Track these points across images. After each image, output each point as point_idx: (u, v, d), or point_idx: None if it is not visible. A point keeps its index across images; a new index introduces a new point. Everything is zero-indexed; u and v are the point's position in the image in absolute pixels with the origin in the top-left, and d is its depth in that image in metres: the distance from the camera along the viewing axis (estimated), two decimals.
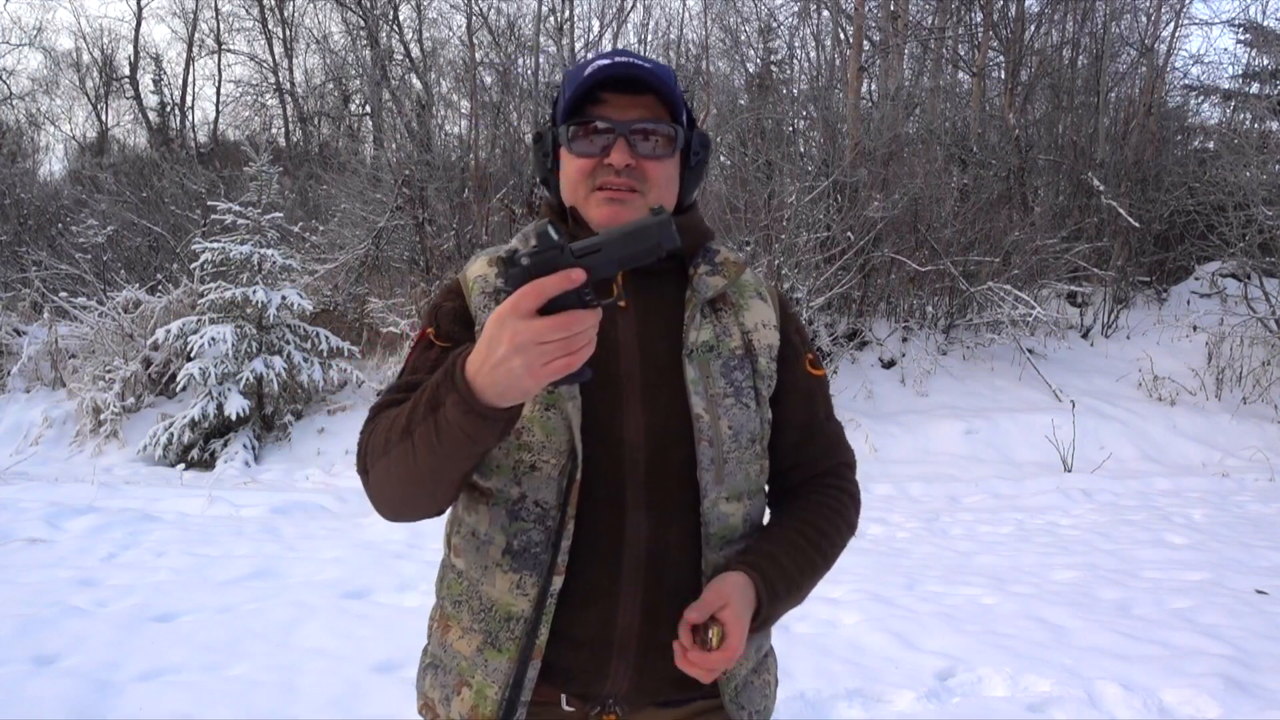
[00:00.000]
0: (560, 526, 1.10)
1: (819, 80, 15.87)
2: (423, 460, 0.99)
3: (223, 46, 21.42)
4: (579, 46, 16.15)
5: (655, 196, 1.16)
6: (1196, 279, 11.56)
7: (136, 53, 21.71)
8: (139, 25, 24.18)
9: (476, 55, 14.17)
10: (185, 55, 21.25)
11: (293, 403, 9.29)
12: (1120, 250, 11.00)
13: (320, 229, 11.50)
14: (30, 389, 10.07)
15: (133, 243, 12.83)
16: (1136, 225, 10.83)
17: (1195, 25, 28.82)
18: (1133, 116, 13.17)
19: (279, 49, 19.76)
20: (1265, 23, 14.05)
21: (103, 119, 22.88)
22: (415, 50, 16.52)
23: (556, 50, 15.37)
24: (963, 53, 15.54)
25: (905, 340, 10.10)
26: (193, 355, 8.78)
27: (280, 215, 9.83)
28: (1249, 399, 9.12)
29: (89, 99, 23.09)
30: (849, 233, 9.56)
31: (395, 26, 16.23)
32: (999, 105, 13.99)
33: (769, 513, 1.27)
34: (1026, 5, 14.22)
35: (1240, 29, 14.37)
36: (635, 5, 18.52)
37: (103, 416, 9.00)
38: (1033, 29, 14.76)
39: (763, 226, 9.30)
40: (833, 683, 3.12)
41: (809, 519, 1.22)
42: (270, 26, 19.75)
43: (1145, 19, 14.72)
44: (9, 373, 10.05)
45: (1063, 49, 15.07)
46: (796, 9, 17.03)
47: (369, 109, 18.54)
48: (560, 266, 0.87)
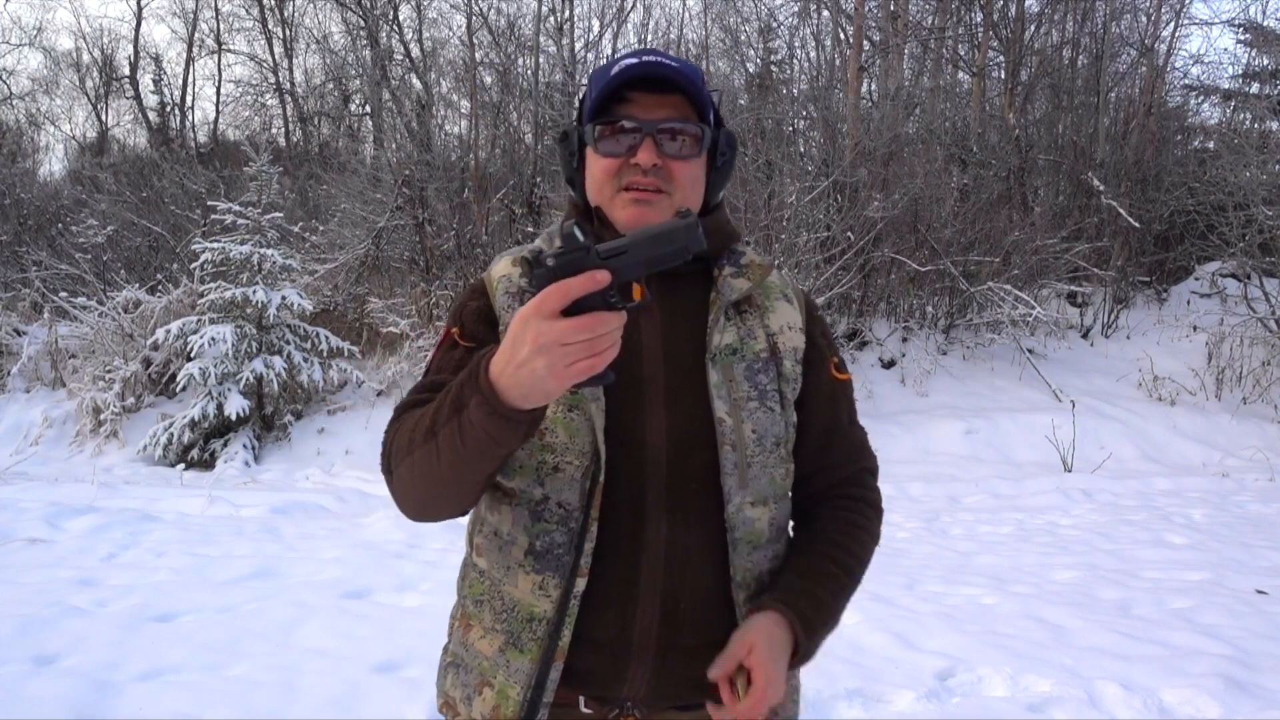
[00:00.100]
0: (583, 528, 1.10)
1: (819, 80, 15.86)
2: (447, 461, 0.99)
3: (223, 46, 21.42)
4: (579, 46, 16.15)
5: (681, 197, 1.15)
6: (1196, 279, 11.56)
7: (136, 53, 21.71)
8: (139, 25, 24.15)
9: (476, 55, 14.16)
10: (185, 55, 21.25)
11: (293, 403, 9.30)
12: (1120, 250, 11.00)
13: (320, 229, 11.49)
14: (30, 389, 10.07)
15: (133, 243, 12.84)
16: (1136, 225, 10.83)
17: (1195, 25, 28.84)
18: (1133, 116, 13.17)
19: (279, 49, 19.74)
20: (1265, 23, 14.06)
21: (103, 119, 22.89)
22: (415, 50, 16.51)
23: (556, 50, 15.35)
24: (963, 53, 15.54)
25: (905, 340, 10.10)
26: (193, 355, 8.78)
27: (280, 215, 9.83)
28: (1249, 399, 9.12)
29: (89, 99, 23.10)
30: (849, 233, 9.56)
31: (395, 26, 16.22)
32: (999, 105, 13.99)
33: (791, 526, 1.26)
34: (1026, 5, 14.23)
35: (1240, 29, 14.38)
36: (635, 5, 18.48)
37: (103, 416, 9.00)
38: (1033, 29, 14.75)
39: (763, 226, 9.30)
40: (833, 683, 3.12)
41: (835, 539, 1.21)
42: (270, 26, 19.73)
43: (1145, 19, 14.73)
44: (9, 373, 10.05)
45: (1063, 49, 15.07)
46: (796, 9, 17.04)
47: (369, 109, 18.53)
48: (586, 268, 0.87)
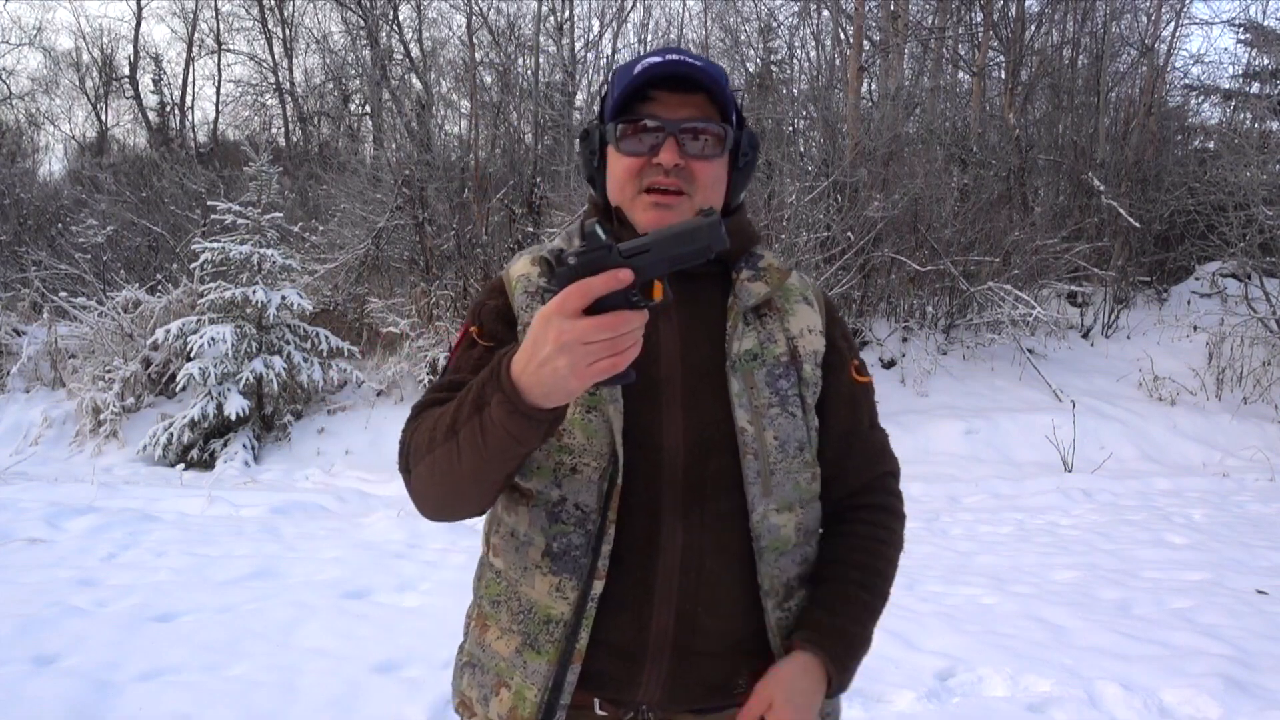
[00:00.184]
0: (601, 530, 1.09)
1: (819, 80, 15.86)
2: (467, 460, 0.98)
3: (222, 46, 21.41)
4: (579, 46, 16.15)
5: (703, 198, 1.14)
6: (1197, 279, 11.56)
7: (136, 53, 21.71)
8: (139, 25, 24.03)
9: (476, 55, 14.16)
10: (185, 55, 21.24)
11: (292, 403, 9.30)
12: (1120, 250, 11.00)
13: (320, 229, 11.49)
14: (30, 389, 10.07)
15: (132, 243, 12.84)
16: (1137, 225, 10.83)
17: (1195, 25, 28.85)
18: (1133, 116, 13.17)
19: (279, 49, 19.74)
20: (1265, 23, 14.05)
21: (102, 119, 22.88)
22: (415, 50, 16.50)
23: (556, 50, 15.36)
24: (963, 53, 15.54)
25: (905, 340, 10.10)
26: (192, 355, 8.78)
27: (280, 215, 9.83)
28: (1249, 399, 9.12)
29: (89, 99, 23.09)
30: (849, 233, 9.56)
31: (395, 26, 16.21)
32: (999, 105, 14.00)
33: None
34: (1026, 5, 14.23)
35: (1240, 29, 14.38)
36: (635, 5, 18.46)
37: (102, 416, 9.00)
38: (1033, 29, 14.75)
39: (763, 226, 9.29)
40: None
41: (859, 560, 1.21)
42: (270, 26, 19.72)
43: (1145, 19, 14.73)
44: (9, 373, 10.05)
45: (1063, 49, 15.07)
46: (796, 9, 17.03)
47: (369, 109, 18.52)
48: (608, 266, 0.86)
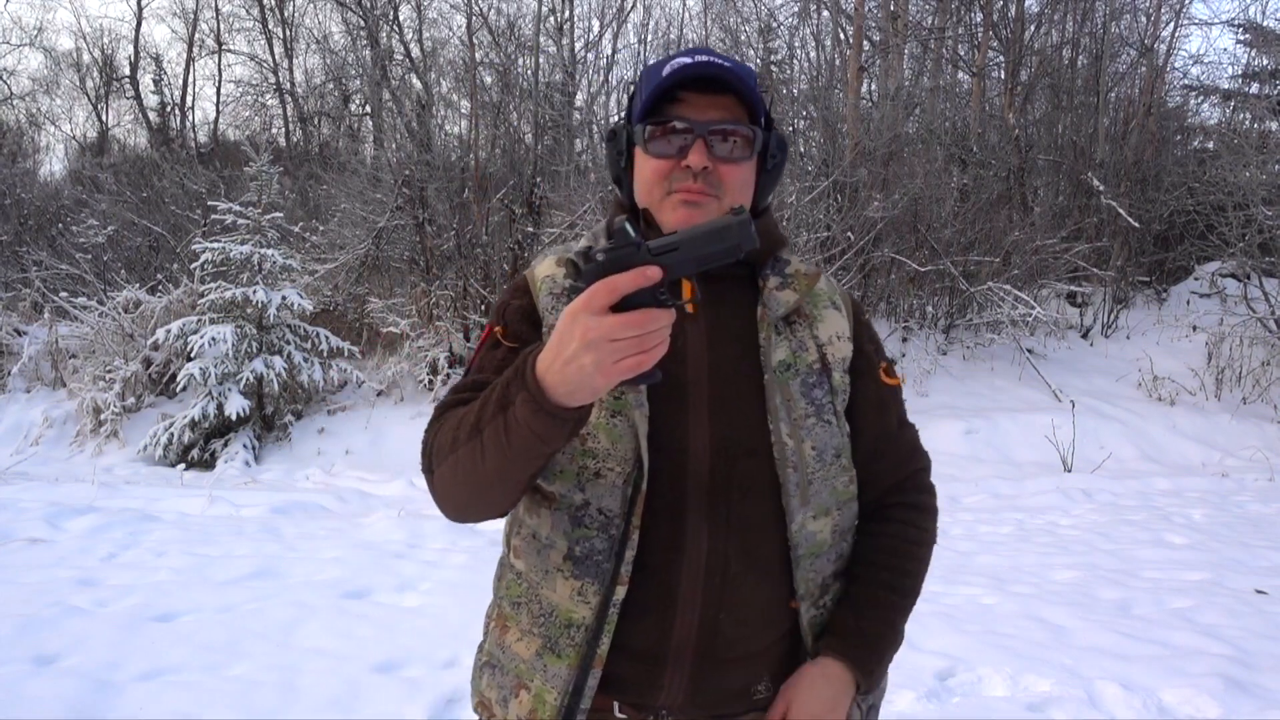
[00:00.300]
0: (624, 536, 1.08)
1: (819, 80, 15.87)
2: (491, 460, 0.98)
3: (223, 47, 21.42)
4: (579, 46, 16.16)
5: (730, 201, 1.13)
6: (1196, 279, 11.56)
7: (137, 53, 21.72)
8: (139, 25, 24.14)
9: (476, 55, 14.16)
10: (185, 55, 21.26)
11: (293, 403, 9.29)
12: (1120, 250, 11.00)
13: (320, 229, 11.49)
14: (30, 389, 10.07)
15: (133, 243, 12.83)
16: (1136, 225, 10.83)
17: (1195, 25, 28.86)
18: (1132, 116, 13.17)
19: (279, 49, 19.75)
20: (1265, 23, 14.06)
21: (103, 119, 22.89)
22: (415, 50, 16.50)
23: (556, 50, 15.37)
24: (963, 53, 15.55)
25: (905, 340, 10.10)
26: (193, 355, 8.78)
27: (280, 215, 9.83)
28: (1249, 399, 9.12)
29: (89, 99, 23.11)
30: (849, 233, 9.56)
31: (395, 26, 16.22)
32: (999, 105, 14.00)
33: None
34: (1026, 5, 14.23)
35: (1240, 29, 14.38)
36: (635, 5, 18.50)
37: (103, 416, 9.00)
38: (1033, 29, 14.76)
39: None
40: None
41: (888, 561, 1.22)
42: (270, 26, 19.74)
43: (1145, 19, 14.74)
44: (9, 373, 10.05)
45: (1063, 49, 15.07)
46: (796, 9, 17.04)
47: (369, 109, 18.53)
48: (637, 264, 0.86)
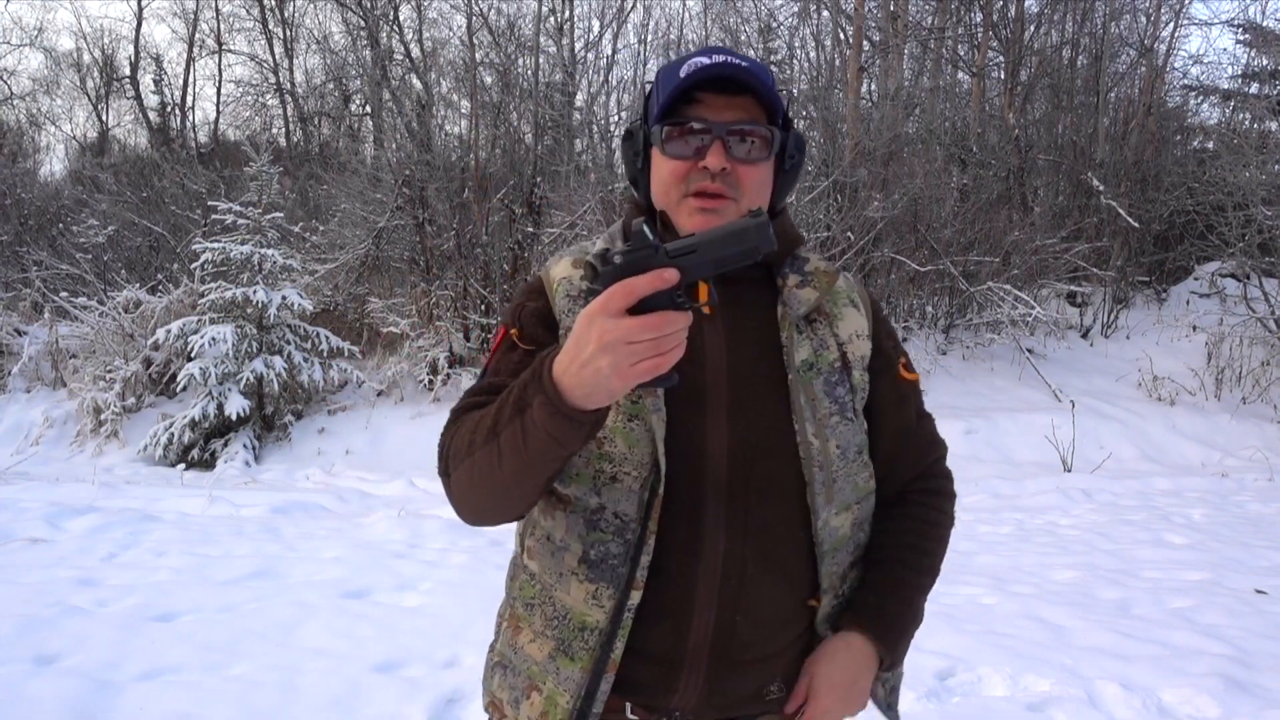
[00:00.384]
0: (640, 540, 1.07)
1: (819, 80, 15.87)
2: (508, 463, 0.97)
3: (223, 47, 21.43)
4: (579, 46, 16.16)
5: (748, 202, 1.12)
6: (1196, 279, 11.56)
7: (137, 53, 21.73)
8: (139, 25, 24.12)
9: (476, 55, 14.16)
10: (185, 55, 21.27)
11: (293, 403, 9.30)
12: (1120, 250, 11.00)
13: (320, 229, 11.49)
14: (31, 389, 10.08)
15: (133, 243, 12.84)
16: (1136, 225, 10.83)
17: (1195, 25, 28.89)
18: (1132, 116, 13.18)
19: (279, 49, 19.76)
20: (1265, 23, 14.06)
21: (103, 119, 22.90)
22: (415, 50, 16.50)
23: (556, 50, 15.37)
24: (962, 53, 15.54)
25: (905, 340, 10.10)
26: (193, 355, 8.78)
27: (280, 215, 9.84)
28: (1248, 399, 9.12)
29: (89, 99, 23.11)
30: (849, 233, 9.56)
31: (395, 26, 16.22)
32: (999, 105, 14.00)
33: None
34: (1026, 5, 14.23)
35: (1240, 29, 14.37)
36: (635, 5, 18.49)
37: (103, 416, 9.00)
38: (1032, 29, 14.76)
39: None
40: None
41: (909, 541, 1.22)
42: (270, 27, 19.74)
43: (1145, 19, 14.74)
44: (10, 373, 10.06)
45: (1062, 49, 15.07)
46: (796, 9, 17.04)
47: (369, 109, 18.54)
48: (654, 266, 0.85)
